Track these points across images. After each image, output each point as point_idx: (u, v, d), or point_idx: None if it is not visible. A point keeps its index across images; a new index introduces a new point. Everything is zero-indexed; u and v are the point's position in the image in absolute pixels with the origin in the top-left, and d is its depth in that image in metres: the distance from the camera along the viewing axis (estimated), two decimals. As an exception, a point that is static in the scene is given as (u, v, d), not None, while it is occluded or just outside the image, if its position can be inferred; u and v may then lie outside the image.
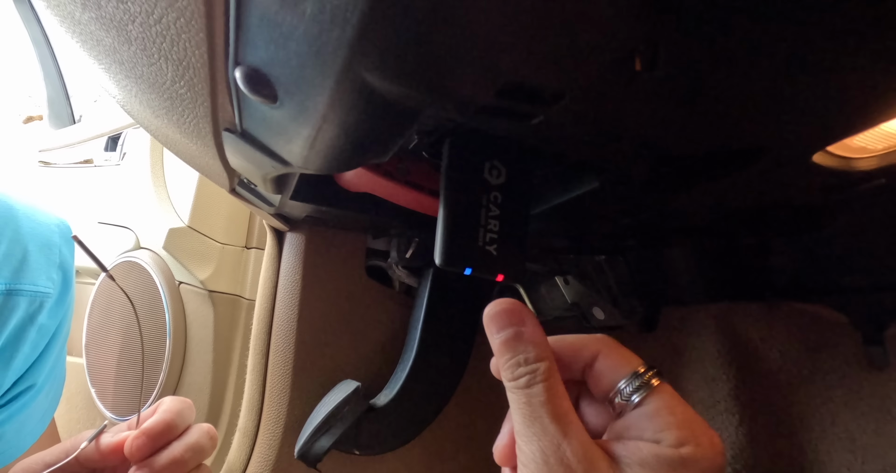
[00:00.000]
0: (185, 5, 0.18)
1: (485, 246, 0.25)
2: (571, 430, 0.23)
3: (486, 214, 0.26)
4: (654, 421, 0.24)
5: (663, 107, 0.21)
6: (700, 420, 0.24)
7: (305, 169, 0.28)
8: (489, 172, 0.26)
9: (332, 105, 0.20)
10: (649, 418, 0.24)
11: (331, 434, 0.50)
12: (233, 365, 0.77)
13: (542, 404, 0.24)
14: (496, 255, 0.26)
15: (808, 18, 0.15)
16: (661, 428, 0.24)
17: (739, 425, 0.51)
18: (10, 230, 0.45)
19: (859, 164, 0.29)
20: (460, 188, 0.26)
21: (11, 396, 0.47)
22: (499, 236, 0.26)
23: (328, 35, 0.16)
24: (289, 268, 0.56)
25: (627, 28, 0.15)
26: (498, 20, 0.15)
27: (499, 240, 0.26)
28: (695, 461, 0.22)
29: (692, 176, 0.29)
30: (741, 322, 0.53)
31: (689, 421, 0.24)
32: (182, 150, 0.37)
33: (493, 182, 0.26)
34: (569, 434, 0.23)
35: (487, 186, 0.26)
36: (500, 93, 0.19)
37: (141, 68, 0.24)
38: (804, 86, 0.19)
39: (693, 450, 0.23)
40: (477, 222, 0.26)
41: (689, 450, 0.23)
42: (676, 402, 0.24)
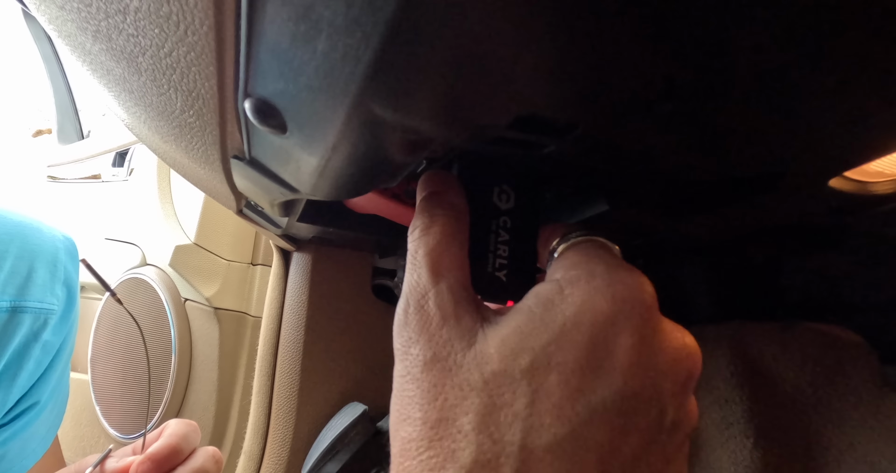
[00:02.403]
0: (195, 40, 0.18)
1: (494, 272, 0.25)
2: (444, 282, 0.20)
3: (495, 239, 0.25)
4: (555, 265, 0.21)
5: (678, 136, 0.20)
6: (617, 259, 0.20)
7: (314, 196, 0.27)
8: (498, 196, 0.26)
9: (342, 137, 0.20)
10: (554, 265, 0.21)
11: (337, 460, 0.50)
12: (238, 383, 0.76)
13: (425, 255, 0.21)
14: (506, 281, 0.25)
15: (825, 50, 0.15)
16: (556, 269, 0.20)
17: (754, 448, 0.50)
18: (16, 247, 0.45)
19: (875, 188, 0.28)
20: (470, 214, 0.25)
21: (15, 413, 0.47)
22: (508, 262, 0.25)
23: (339, 71, 0.16)
24: (295, 288, 0.55)
25: (644, 63, 0.15)
26: (511, 58, 0.15)
27: (508, 266, 0.25)
28: (576, 287, 0.18)
29: (705, 201, 0.29)
30: (754, 342, 0.52)
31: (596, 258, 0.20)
32: (189, 173, 0.37)
33: (502, 207, 0.26)
34: (439, 284, 0.20)
35: (496, 210, 0.26)
36: (511, 124, 0.19)
37: (150, 97, 0.24)
38: (821, 114, 0.19)
39: (576, 275, 0.19)
40: (486, 247, 0.25)
41: (571, 276, 0.19)
42: (597, 248, 0.21)
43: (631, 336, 0.18)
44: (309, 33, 0.15)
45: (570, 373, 0.17)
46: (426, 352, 0.19)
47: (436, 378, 0.18)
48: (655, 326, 0.19)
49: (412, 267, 0.21)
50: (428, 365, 0.19)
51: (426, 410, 0.18)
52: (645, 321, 0.18)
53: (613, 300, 0.18)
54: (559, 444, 0.17)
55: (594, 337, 0.18)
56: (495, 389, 0.18)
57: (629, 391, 0.17)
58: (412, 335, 0.20)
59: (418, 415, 0.18)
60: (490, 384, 0.18)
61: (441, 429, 0.17)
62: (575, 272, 0.19)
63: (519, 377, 0.18)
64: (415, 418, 0.18)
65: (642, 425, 0.18)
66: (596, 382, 0.17)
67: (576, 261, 0.20)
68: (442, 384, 0.18)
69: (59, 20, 0.23)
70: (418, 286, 0.20)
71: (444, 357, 0.19)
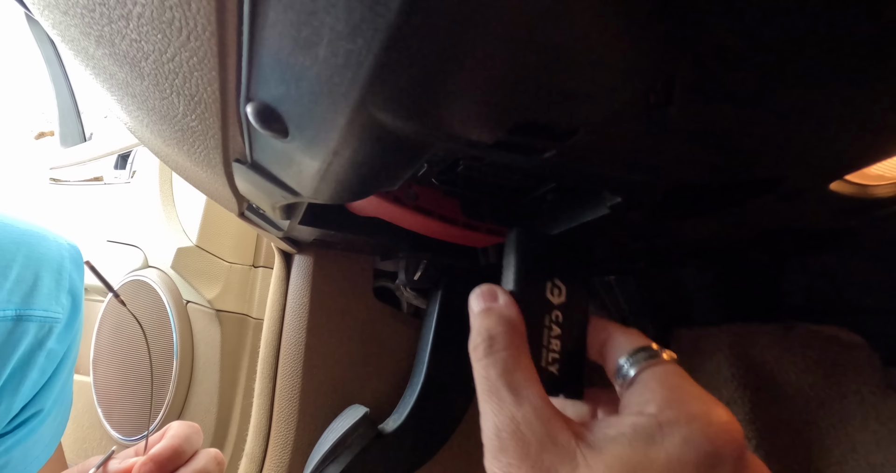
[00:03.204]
0: (198, 45, 0.18)
1: (547, 367, 0.25)
2: (528, 402, 0.21)
3: (548, 334, 0.26)
4: (641, 394, 0.21)
5: (678, 140, 0.20)
6: (703, 394, 0.21)
7: (315, 199, 0.27)
8: (551, 291, 0.26)
9: (343, 141, 0.20)
10: (639, 392, 0.22)
11: (339, 462, 0.50)
12: (239, 385, 0.76)
13: (498, 375, 0.22)
14: (558, 375, 0.25)
15: (826, 54, 0.15)
16: (647, 400, 0.21)
17: (756, 449, 0.50)
18: (21, 256, 0.45)
19: (876, 191, 0.28)
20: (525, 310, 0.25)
21: (19, 422, 0.47)
22: (560, 356, 0.25)
23: (341, 77, 0.16)
24: (297, 291, 0.56)
25: (644, 67, 0.15)
26: (512, 63, 0.15)
27: (560, 360, 0.25)
28: (676, 427, 0.19)
29: (706, 204, 0.29)
30: (756, 344, 0.52)
31: (682, 392, 0.21)
32: (191, 176, 0.37)
33: (554, 301, 0.26)
34: (524, 405, 0.21)
35: (549, 305, 0.26)
36: (512, 129, 0.19)
37: (153, 101, 0.24)
38: (822, 118, 0.19)
39: (674, 416, 0.20)
40: (539, 342, 0.25)
41: (669, 416, 0.20)
42: (675, 376, 0.22)
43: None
44: (311, 39, 0.15)
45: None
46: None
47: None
48: (749, 462, 0.20)
49: (489, 390, 0.22)
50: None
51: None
52: (741, 457, 0.20)
53: (714, 441, 0.19)
54: None
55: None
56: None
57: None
58: (512, 460, 0.20)
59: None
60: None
61: None
62: (672, 413, 0.20)
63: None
64: None
65: None
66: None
67: (668, 397, 0.21)
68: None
69: (63, 25, 0.23)
70: (503, 410, 0.21)
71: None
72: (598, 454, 0.19)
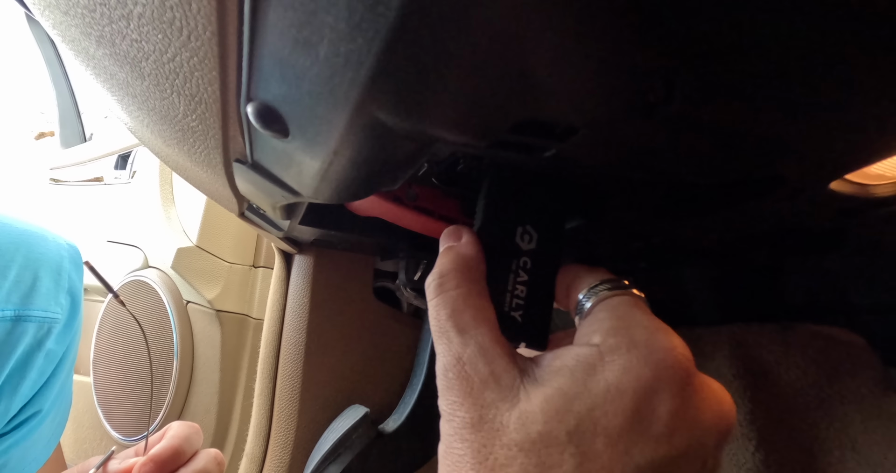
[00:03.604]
0: (198, 45, 0.18)
1: (510, 312, 0.25)
2: (474, 342, 0.21)
3: (514, 279, 0.25)
4: (590, 325, 0.21)
5: (679, 139, 0.20)
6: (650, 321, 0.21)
7: (315, 199, 0.27)
8: (521, 236, 0.26)
9: (344, 141, 0.20)
10: (588, 323, 0.21)
11: (339, 462, 0.50)
12: (240, 385, 0.76)
13: (447, 316, 0.21)
14: (521, 321, 0.25)
15: (826, 53, 0.15)
16: (594, 331, 0.21)
17: (756, 450, 0.50)
18: (21, 256, 0.45)
19: (876, 190, 0.28)
20: (491, 252, 0.25)
21: (17, 422, 0.47)
22: (525, 303, 0.25)
23: (341, 76, 0.16)
24: (297, 291, 0.56)
25: (644, 66, 0.15)
26: (512, 63, 0.15)
27: (525, 306, 0.25)
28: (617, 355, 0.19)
29: (706, 204, 0.29)
30: (756, 344, 0.52)
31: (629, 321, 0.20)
32: (192, 176, 0.37)
33: (524, 247, 0.26)
34: (470, 345, 0.20)
35: (518, 250, 0.26)
36: (513, 128, 0.19)
37: (153, 102, 0.24)
38: (822, 117, 0.19)
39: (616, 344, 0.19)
40: (505, 287, 0.25)
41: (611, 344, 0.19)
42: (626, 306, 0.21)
43: (673, 400, 0.19)
44: (311, 39, 0.15)
45: (618, 437, 0.18)
46: (472, 414, 0.20)
47: (484, 439, 0.19)
48: (696, 387, 0.20)
49: (439, 331, 0.22)
50: (476, 426, 0.19)
51: (477, 469, 0.19)
52: (686, 384, 0.19)
53: (655, 368, 0.19)
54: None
55: (638, 403, 0.18)
56: (543, 449, 0.18)
57: (675, 450, 0.18)
58: (456, 398, 0.20)
59: None
60: (537, 445, 0.18)
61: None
62: (615, 340, 0.20)
63: (565, 438, 0.18)
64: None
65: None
66: (642, 444, 0.18)
67: (614, 326, 0.20)
68: (491, 444, 0.19)
69: (63, 25, 0.23)
70: (451, 350, 0.21)
71: (491, 419, 0.19)
72: (540, 387, 0.19)
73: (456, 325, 0.21)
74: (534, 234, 0.26)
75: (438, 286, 0.23)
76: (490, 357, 0.20)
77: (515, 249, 0.26)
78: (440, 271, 0.23)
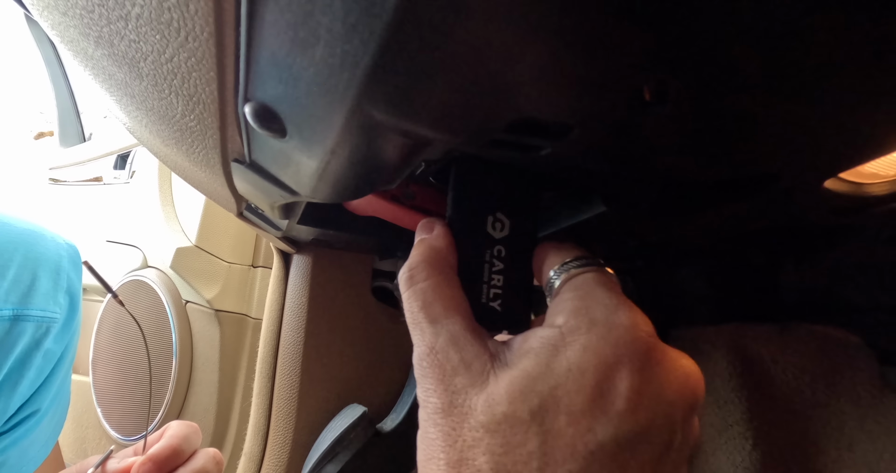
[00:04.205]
0: (196, 46, 0.18)
1: (488, 303, 0.25)
2: (446, 331, 0.21)
3: (489, 269, 0.25)
4: (556, 306, 0.21)
5: (673, 137, 0.21)
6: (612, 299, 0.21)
7: (313, 198, 0.28)
8: (492, 226, 0.26)
9: (341, 140, 0.20)
10: (555, 304, 0.22)
11: (337, 461, 0.50)
12: (238, 385, 0.76)
13: (419, 308, 0.22)
14: (500, 311, 0.25)
15: (820, 52, 0.15)
16: (559, 311, 0.21)
17: (753, 449, 0.50)
18: (19, 255, 0.45)
19: (871, 189, 0.28)
20: (463, 245, 0.25)
21: (16, 421, 0.47)
22: (502, 292, 0.25)
23: (338, 76, 0.16)
24: (295, 290, 0.56)
25: (638, 65, 0.15)
26: (507, 63, 0.15)
27: (503, 295, 0.25)
28: (578, 335, 0.20)
29: (701, 202, 0.29)
30: (753, 344, 0.52)
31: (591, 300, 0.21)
32: (190, 176, 0.37)
33: (496, 236, 0.26)
34: (441, 335, 0.21)
35: (491, 240, 0.26)
36: (508, 127, 0.19)
37: (151, 102, 0.25)
38: (816, 116, 0.19)
39: (577, 324, 0.20)
40: (480, 278, 0.25)
41: (572, 325, 0.20)
42: (590, 284, 0.22)
43: (634, 376, 0.19)
44: (308, 40, 0.15)
45: (580, 414, 0.18)
46: (443, 400, 0.20)
47: (454, 423, 0.20)
48: (658, 361, 0.20)
49: (412, 322, 0.22)
50: (446, 411, 0.20)
51: (447, 451, 0.19)
52: (646, 360, 0.19)
53: (615, 345, 0.19)
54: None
55: (599, 381, 0.19)
56: (508, 429, 0.19)
57: (638, 425, 0.18)
58: (429, 385, 0.21)
59: (441, 456, 0.20)
60: (502, 425, 0.19)
61: (463, 468, 0.19)
62: (575, 321, 0.20)
63: (528, 418, 0.19)
64: (438, 458, 0.20)
65: (654, 451, 0.19)
66: (605, 421, 0.18)
67: (576, 305, 0.21)
68: (460, 426, 0.19)
69: (62, 26, 0.23)
70: (423, 341, 0.22)
71: (461, 403, 0.20)
72: (508, 370, 0.20)
73: (427, 316, 0.22)
74: (506, 221, 0.26)
75: (409, 279, 0.23)
76: (460, 345, 0.21)
77: (488, 239, 0.26)
78: (410, 263, 0.24)
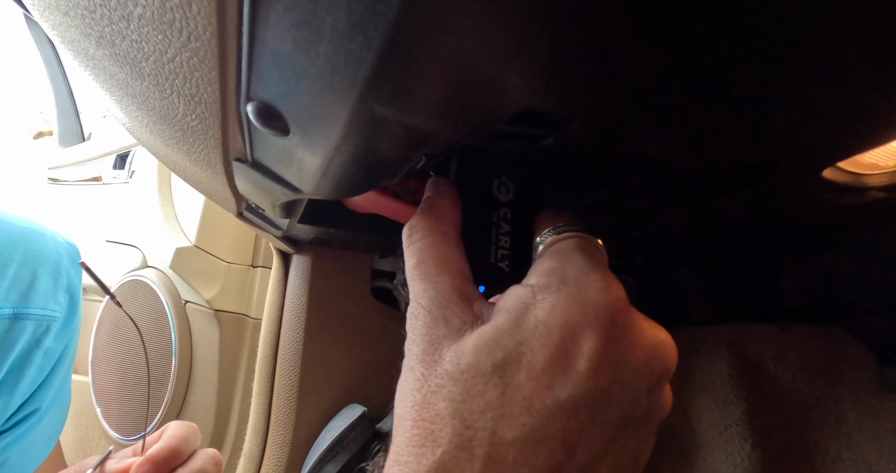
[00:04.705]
0: (198, 46, 0.18)
1: (497, 263, 0.25)
2: (434, 288, 0.22)
3: (496, 231, 0.26)
4: (534, 268, 0.22)
5: (673, 126, 0.21)
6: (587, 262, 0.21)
7: (316, 195, 0.28)
8: (498, 188, 0.27)
9: (344, 136, 0.20)
10: (534, 266, 0.22)
11: (337, 461, 0.50)
12: (238, 385, 0.76)
13: (414, 266, 0.23)
14: (508, 271, 0.26)
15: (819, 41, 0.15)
16: (535, 272, 0.22)
17: (752, 449, 0.50)
18: (19, 254, 0.45)
19: (870, 180, 0.28)
20: (470, 207, 0.26)
21: (17, 420, 0.47)
22: (510, 253, 0.26)
23: (342, 74, 0.16)
24: (295, 290, 0.56)
25: (637, 55, 0.15)
26: (510, 56, 0.15)
27: (510, 256, 0.26)
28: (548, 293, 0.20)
29: (701, 190, 0.29)
30: (752, 344, 0.53)
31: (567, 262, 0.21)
32: (190, 176, 0.37)
33: (502, 199, 0.26)
34: (429, 291, 0.22)
35: (497, 202, 0.26)
36: (510, 119, 0.19)
37: (153, 102, 0.25)
38: (816, 103, 0.19)
39: (548, 283, 0.20)
40: (488, 239, 0.26)
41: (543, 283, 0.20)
42: (569, 248, 0.22)
43: (597, 338, 0.19)
44: (311, 38, 0.15)
45: (540, 371, 0.19)
46: (421, 349, 0.21)
47: (425, 369, 0.21)
48: (626, 327, 0.20)
49: (409, 278, 0.23)
50: (421, 359, 0.21)
51: (415, 394, 0.20)
52: (613, 323, 0.20)
53: (583, 306, 0.20)
54: (528, 433, 0.18)
55: (563, 340, 0.19)
56: (469, 379, 0.19)
57: (598, 388, 0.19)
58: (413, 334, 0.22)
59: (409, 398, 0.20)
60: (465, 375, 0.19)
61: (424, 411, 0.20)
62: (547, 280, 0.21)
63: (490, 370, 0.19)
64: (408, 400, 0.20)
65: (613, 416, 0.19)
66: (564, 380, 0.19)
67: (552, 266, 0.22)
68: (428, 373, 0.20)
69: (63, 26, 0.23)
70: (414, 294, 0.23)
71: (432, 352, 0.21)
72: (482, 326, 0.21)
73: (420, 273, 0.23)
74: (510, 185, 0.27)
75: (408, 238, 0.24)
76: (445, 302, 0.22)
77: (494, 201, 0.26)
78: (411, 222, 0.24)
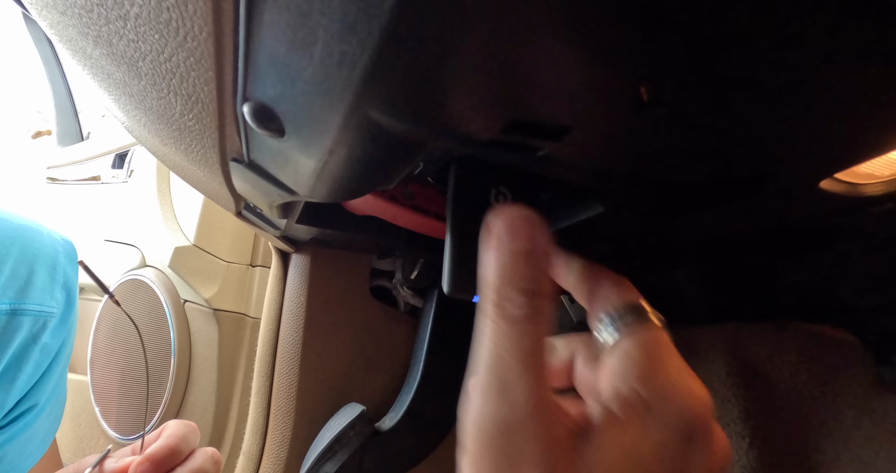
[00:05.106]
0: (194, 45, 0.18)
1: None
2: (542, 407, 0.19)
3: None
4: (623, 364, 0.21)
5: (669, 138, 0.21)
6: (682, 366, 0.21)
7: (312, 198, 0.28)
8: (495, 198, 0.26)
9: (339, 140, 0.20)
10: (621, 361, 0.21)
11: (336, 460, 0.50)
12: (237, 384, 0.76)
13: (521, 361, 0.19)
14: None
15: (815, 52, 0.15)
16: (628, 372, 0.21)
17: (750, 448, 0.51)
18: (16, 250, 0.45)
19: (866, 189, 0.28)
20: (467, 216, 0.25)
21: (14, 416, 0.47)
22: None
23: (336, 77, 0.16)
24: (294, 290, 0.56)
25: (633, 64, 0.16)
26: (505, 63, 0.15)
27: None
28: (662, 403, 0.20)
29: (698, 202, 0.29)
30: (750, 343, 0.53)
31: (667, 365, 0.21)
32: (189, 175, 0.37)
33: None
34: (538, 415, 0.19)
35: None
36: (505, 128, 0.19)
37: (150, 101, 0.25)
38: (812, 116, 0.19)
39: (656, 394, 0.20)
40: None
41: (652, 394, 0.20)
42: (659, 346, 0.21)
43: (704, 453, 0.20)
44: (306, 40, 0.15)
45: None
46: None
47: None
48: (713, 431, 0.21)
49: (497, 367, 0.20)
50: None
51: None
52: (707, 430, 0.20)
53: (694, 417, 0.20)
54: None
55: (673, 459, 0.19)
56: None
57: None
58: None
59: None
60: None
61: None
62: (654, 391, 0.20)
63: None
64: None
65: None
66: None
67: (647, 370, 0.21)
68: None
69: (61, 25, 0.23)
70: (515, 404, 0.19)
71: None
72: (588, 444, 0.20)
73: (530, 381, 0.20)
74: (508, 194, 0.27)
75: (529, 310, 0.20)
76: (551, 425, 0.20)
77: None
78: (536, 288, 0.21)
